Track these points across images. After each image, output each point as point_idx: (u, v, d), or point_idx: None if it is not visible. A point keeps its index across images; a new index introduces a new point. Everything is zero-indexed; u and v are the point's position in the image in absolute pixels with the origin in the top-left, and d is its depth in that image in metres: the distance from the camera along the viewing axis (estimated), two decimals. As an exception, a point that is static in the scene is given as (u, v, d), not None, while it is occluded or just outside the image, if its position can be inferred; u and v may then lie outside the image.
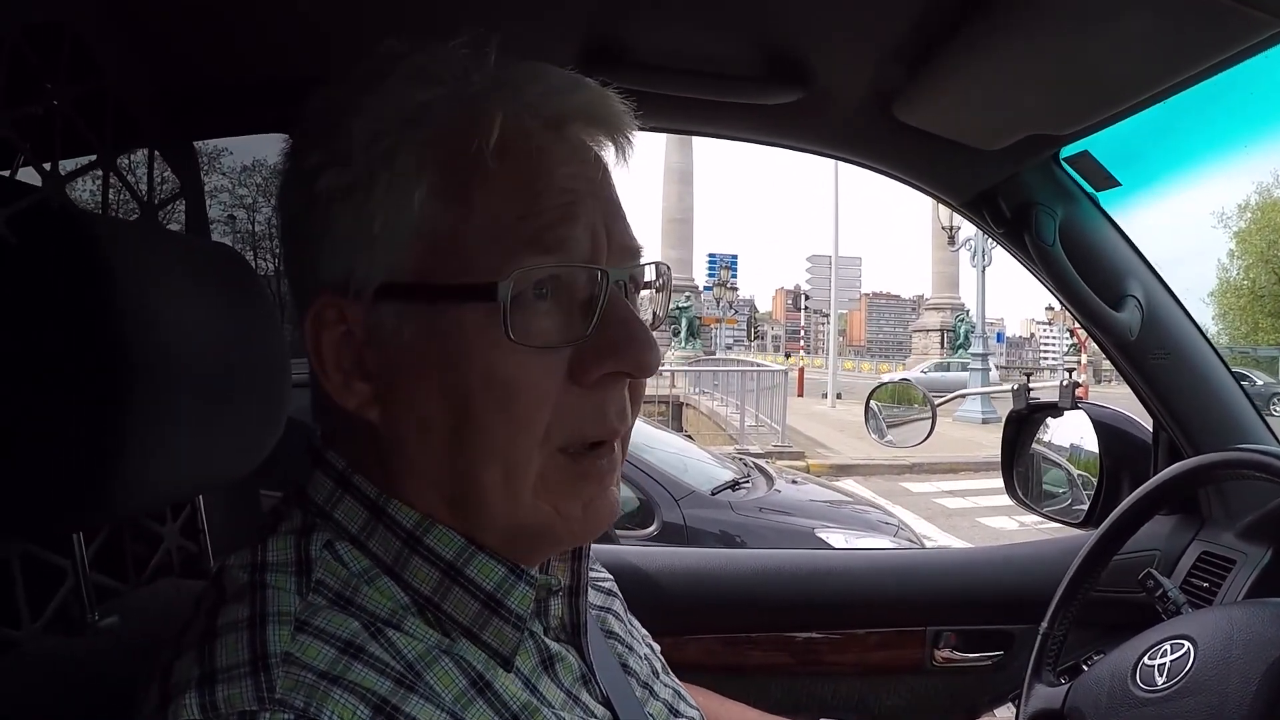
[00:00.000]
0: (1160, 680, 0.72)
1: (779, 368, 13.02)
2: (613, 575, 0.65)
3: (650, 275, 0.50)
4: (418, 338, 0.44)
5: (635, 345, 0.45)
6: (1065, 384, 1.15)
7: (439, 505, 0.45)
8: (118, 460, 0.50)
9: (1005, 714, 1.11)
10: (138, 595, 0.66)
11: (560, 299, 0.44)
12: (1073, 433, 1.20)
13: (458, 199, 0.43)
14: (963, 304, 31.95)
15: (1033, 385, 1.25)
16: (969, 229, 14.99)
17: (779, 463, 7.07)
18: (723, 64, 0.86)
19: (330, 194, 0.44)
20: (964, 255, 16.82)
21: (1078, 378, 1.21)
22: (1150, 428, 1.13)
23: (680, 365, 17.51)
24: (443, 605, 0.44)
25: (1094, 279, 0.97)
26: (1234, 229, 25.43)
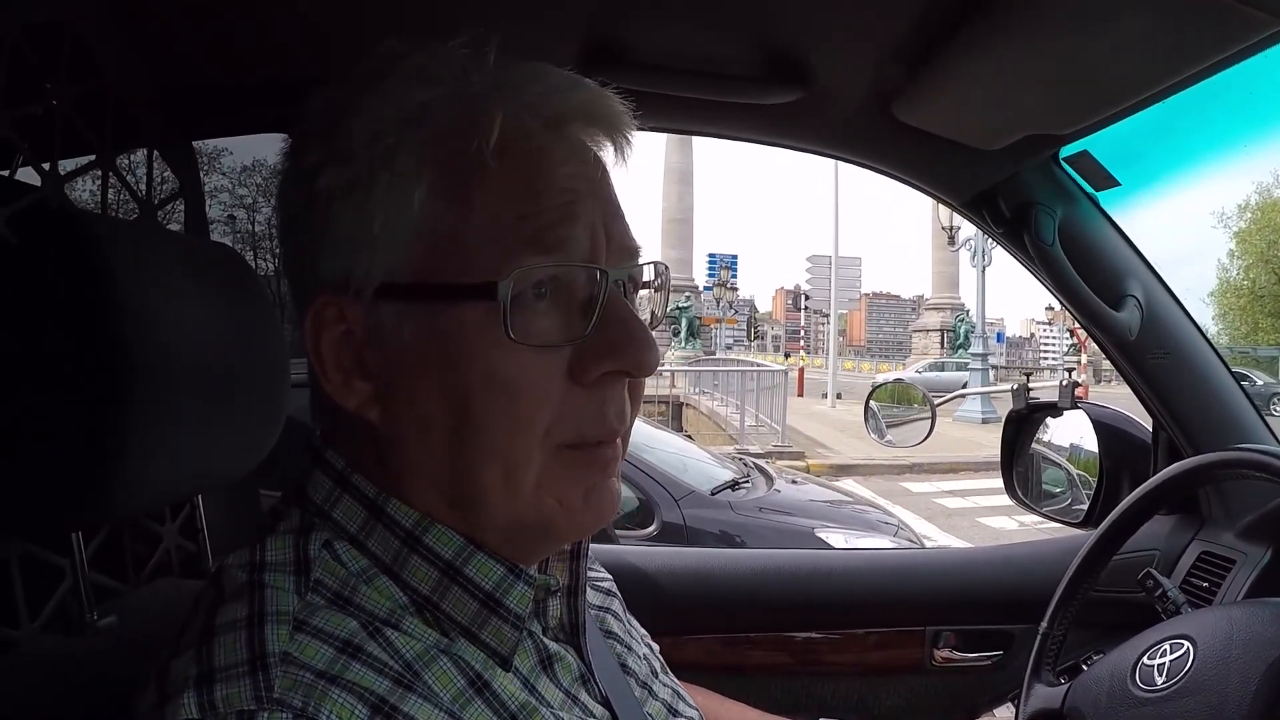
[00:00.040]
0: (1160, 680, 0.72)
1: (779, 368, 13.01)
2: (612, 575, 0.65)
3: (649, 275, 0.50)
4: (418, 337, 0.44)
5: (634, 344, 0.45)
6: (1065, 384, 1.15)
7: (439, 504, 0.45)
8: (117, 460, 0.50)
9: (1005, 714, 1.11)
10: (137, 595, 0.66)
11: (559, 298, 0.44)
12: (1072, 433, 1.19)
13: (458, 199, 0.43)
14: (963, 304, 31.95)
15: (1032, 385, 1.25)
16: (969, 229, 14.98)
17: (779, 463, 7.07)
18: (723, 64, 0.86)
19: (330, 193, 0.44)
20: (964, 255, 16.81)
21: (1078, 378, 1.21)
22: (1150, 428, 1.13)
23: (680, 365, 17.51)
24: (441, 605, 0.44)
25: (1094, 279, 0.97)
26: (1234, 229, 25.48)
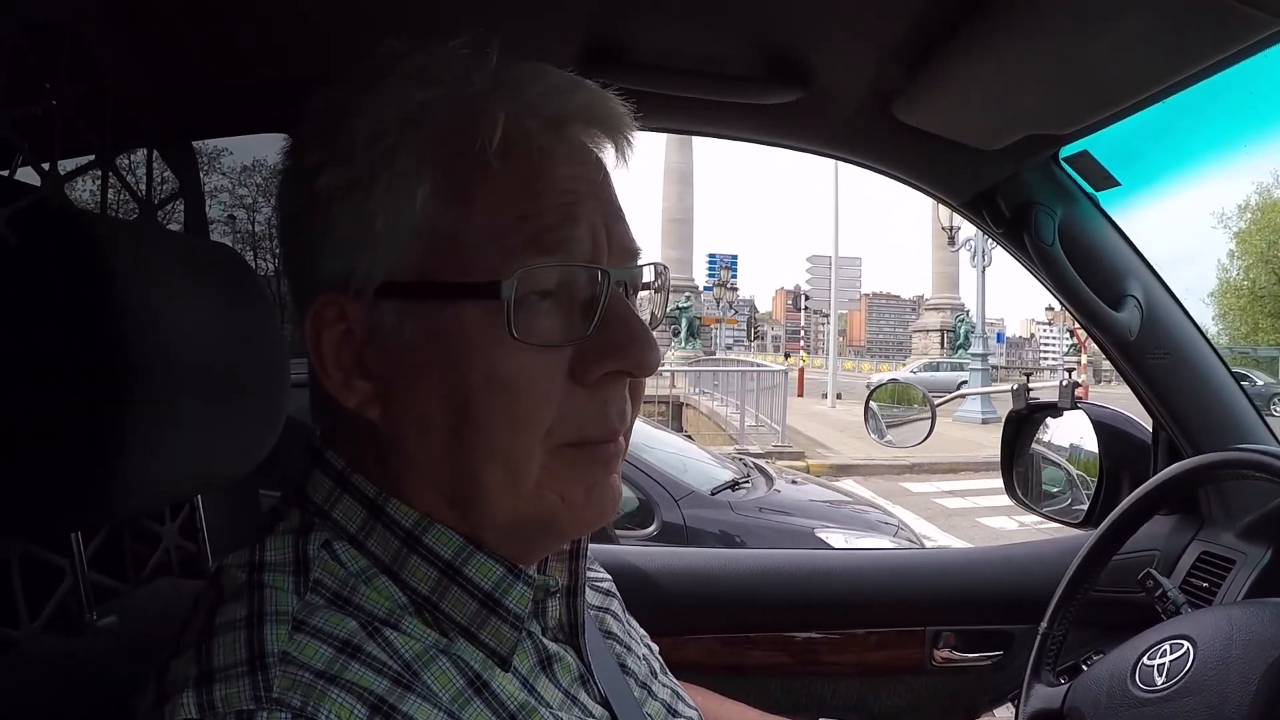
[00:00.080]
0: (1160, 680, 0.72)
1: (779, 368, 13.00)
2: (612, 575, 0.65)
3: (648, 276, 0.50)
4: (419, 336, 0.44)
5: (636, 345, 0.45)
6: (1065, 384, 1.15)
7: (439, 504, 0.45)
8: (117, 460, 0.50)
9: (1005, 714, 1.11)
10: (136, 595, 0.66)
11: (561, 299, 0.45)
12: (1072, 433, 1.19)
13: (460, 198, 0.43)
14: (963, 304, 31.96)
15: (1032, 385, 1.25)
16: (969, 229, 14.98)
17: (779, 463, 7.07)
18: (723, 64, 0.86)
19: (331, 193, 0.44)
20: (964, 255, 16.81)
21: (1078, 378, 1.21)
22: (1150, 428, 1.13)
23: (680, 365, 17.51)
24: (441, 605, 0.44)
25: (1094, 279, 0.97)
26: (1234, 229, 25.48)
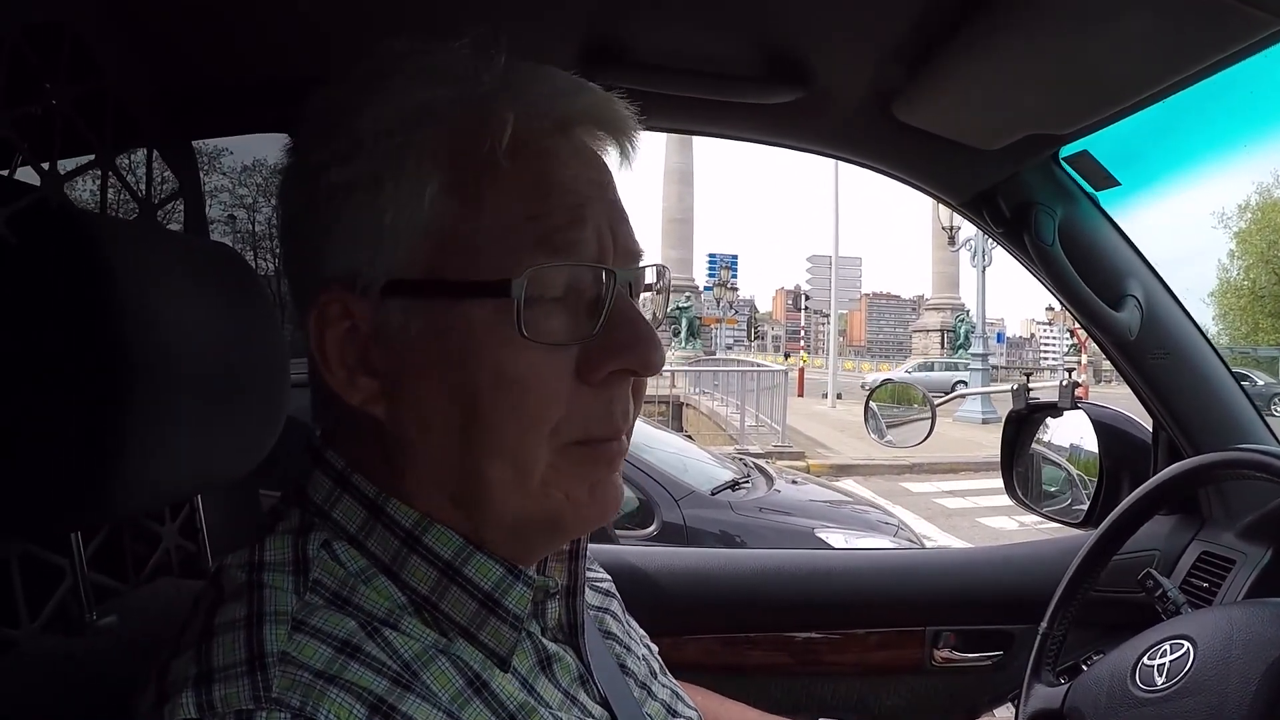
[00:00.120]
0: (1160, 680, 0.72)
1: (779, 368, 13.00)
2: (611, 575, 0.65)
3: (650, 277, 0.50)
4: (425, 334, 0.44)
5: (642, 344, 0.45)
6: (1065, 384, 1.15)
7: (442, 502, 0.45)
8: (117, 460, 0.50)
9: (1005, 714, 1.11)
10: (136, 595, 0.66)
11: (568, 298, 0.45)
12: (1072, 433, 1.19)
13: (468, 197, 0.43)
14: (963, 304, 31.95)
15: (1033, 385, 1.25)
16: (969, 229, 14.98)
17: (779, 463, 7.07)
18: (723, 64, 0.86)
19: (336, 190, 0.44)
20: (964, 255, 16.80)
21: (1078, 378, 1.21)
22: (1150, 428, 1.13)
23: (680, 365, 17.50)
24: (440, 605, 0.44)
25: (1094, 279, 0.97)
26: (1234, 229, 25.48)
